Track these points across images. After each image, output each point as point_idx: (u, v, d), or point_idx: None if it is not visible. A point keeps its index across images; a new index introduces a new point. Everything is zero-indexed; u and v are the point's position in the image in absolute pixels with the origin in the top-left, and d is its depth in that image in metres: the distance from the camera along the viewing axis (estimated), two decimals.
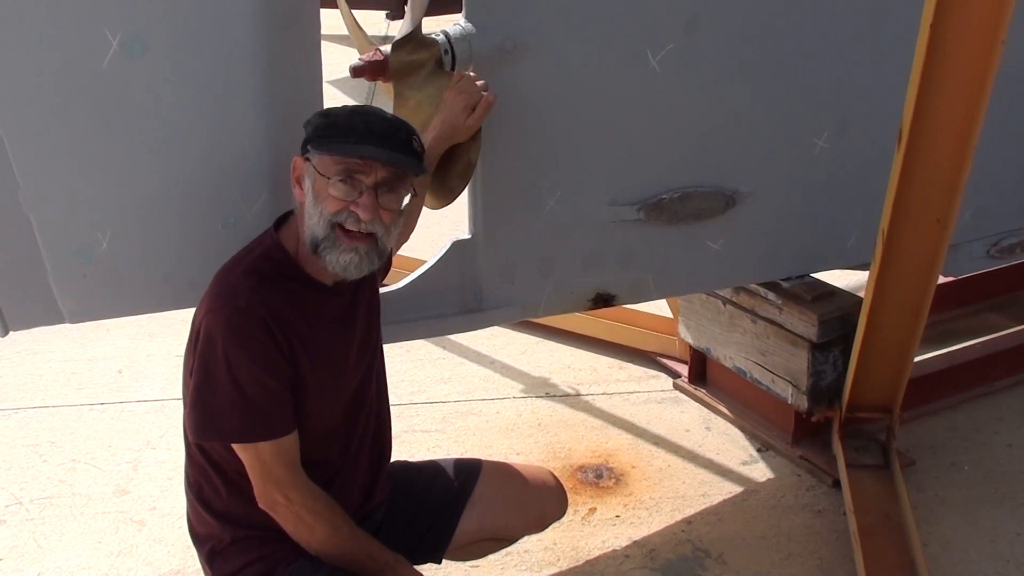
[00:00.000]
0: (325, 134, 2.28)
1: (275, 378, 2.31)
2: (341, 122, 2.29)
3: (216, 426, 2.33)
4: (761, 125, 3.18)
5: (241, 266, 2.36)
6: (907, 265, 3.10)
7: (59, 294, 2.59)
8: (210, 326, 2.28)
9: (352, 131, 2.27)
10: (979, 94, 2.72)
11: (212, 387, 2.29)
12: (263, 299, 2.30)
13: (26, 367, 4.53)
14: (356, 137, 2.26)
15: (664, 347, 4.42)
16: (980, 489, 3.54)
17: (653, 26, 2.90)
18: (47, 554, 3.33)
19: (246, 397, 2.28)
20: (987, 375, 4.12)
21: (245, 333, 2.27)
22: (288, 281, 2.36)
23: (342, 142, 2.26)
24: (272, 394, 2.31)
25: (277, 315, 2.30)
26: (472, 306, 3.09)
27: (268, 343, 2.29)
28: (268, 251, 2.38)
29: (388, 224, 2.32)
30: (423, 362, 4.47)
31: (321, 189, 2.28)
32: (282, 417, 2.34)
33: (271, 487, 2.36)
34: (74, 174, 2.47)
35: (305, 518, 2.39)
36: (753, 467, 3.72)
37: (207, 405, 2.31)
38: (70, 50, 2.35)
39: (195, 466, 2.50)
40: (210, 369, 2.29)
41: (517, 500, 2.83)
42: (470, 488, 2.78)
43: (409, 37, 2.72)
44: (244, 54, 2.51)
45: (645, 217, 3.12)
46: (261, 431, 2.31)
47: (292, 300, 2.35)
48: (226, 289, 2.33)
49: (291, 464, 2.36)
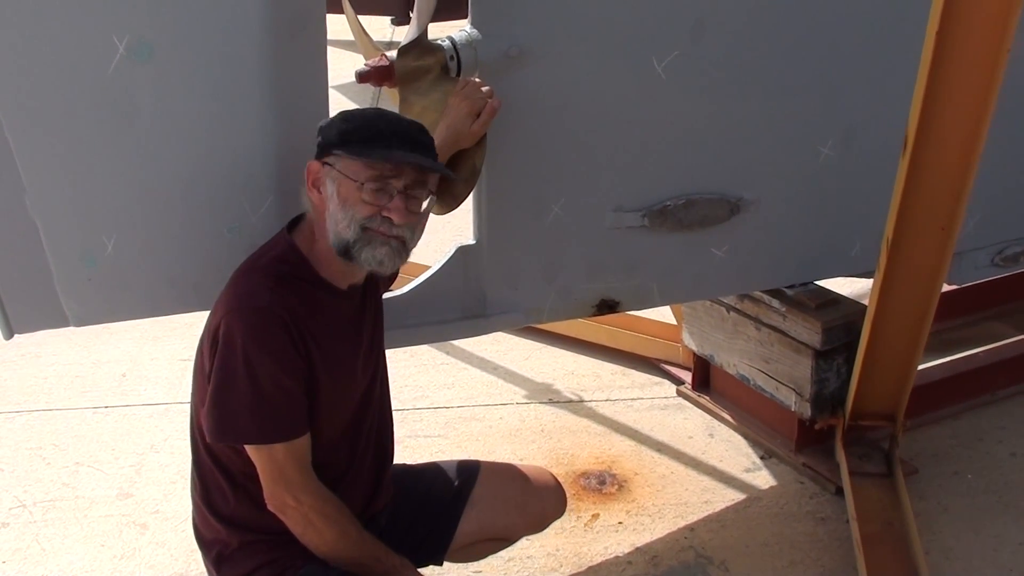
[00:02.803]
0: (353, 138, 2.28)
1: (293, 379, 2.31)
2: (368, 126, 2.29)
3: (233, 427, 2.32)
4: (766, 132, 3.18)
5: (259, 267, 2.37)
6: (911, 273, 3.09)
7: (64, 297, 2.59)
8: (230, 326, 2.28)
9: (380, 135, 2.27)
10: (984, 102, 2.72)
11: (231, 387, 2.29)
12: (283, 299, 2.30)
13: (30, 370, 4.54)
14: (384, 141, 2.27)
15: (668, 354, 4.42)
16: (983, 498, 3.54)
17: (659, 33, 2.90)
18: (50, 557, 3.34)
19: (264, 398, 2.28)
20: (991, 384, 4.12)
21: (265, 333, 2.27)
22: (303, 283, 2.37)
23: (372, 146, 2.26)
24: (290, 395, 2.31)
25: (295, 316, 2.30)
26: (476, 312, 3.09)
27: (287, 344, 2.29)
28: (284, 253, 2.38)
29: (415, 226, 2.34)
30: (427, 367, 4.48)
31: (350, 194, 2.28)
32: (298, 418, 2.34)
33: (282, 488, 2.36)
34: (80, 178, 2.48)
35: (314, 520, 2.39)
36: (756, 474, 3.71)
37: (225, 405, 2.31)
38: (77, 54, 2.35)
39: (203, 470, 2.50)
40: (229, 369, 2.28)
41: (516, 500, 2.83)
42: (469, 489, 2.79)
43: (415, 43, 2.73)
44: (250, 59, 2.51)
45: (649, 224, 3.12)
46: (277, 432, 2.31)
47: (308, 302, 2.35)
48: (245, 289, 2.33)
49: (303, 466, 2.37)
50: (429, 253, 3.33)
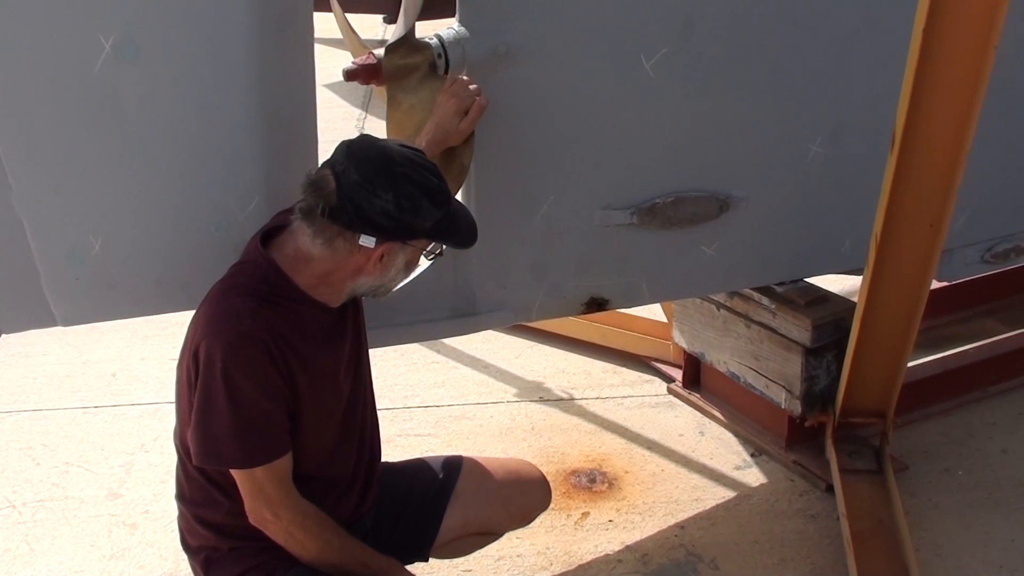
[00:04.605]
0: (444, 229, 2.35)
1: (274, 403, 2.30)
2: (454, 218, 2.37)
3: (216, 451, 2.32)
4: (755, 130, 3.17)
5: (238, 287, 2.34)
6: (900, 270, 3.09)
7: (52, 297, 2.58)
8: (211, 349, 2.26)
9: (465, 228, 2.42)
10: (972, 99, 2.72)
11: (212, 412, 2.28)
12: (265, 321, 2.29)
13: (20, 370, 4.53)
14: (465, 237, 2.43)
15: (658, 351, 4.42)
16: (974, 494, 3.54)
17: (647, 30, 2.90)
18: (39, 557, 3.33)
19: (246, 422, 2.27)
20: (981, 380, 4.12)
21: (247, 357, 2.26)
22: (287, 300, 2.34)
23: (459, 237, 2.42)
24: (270, 419, 2.31)
25: (277, 337, 2.29)
26: (465, 310, 3.09)
27: (269, 367, 2.28)
28: (265, 274, 2.34)
29: None
30: (417, 366, 4.47)
31: (414, 260, 2.43)
32: (279, 440, 2.34)
33: (262, 505, 2.36)
34: (67, 177, 2.47)
35: (295, 534, 2.39)
36: (746, 472, 3.71)
37: (207, 429, 2.30)
38: (63, 53, 2.34)
39: (190, 480, 2.49)
40: (211, 393, 2.27)
41: (500, 493, 2.83)
42: (452, 483, 2.78)
43: (402, 41, 2.72)
44: (237, 57, 2.50)
45: (639, 221, 3.12)
46: (258, 456, 2.31)
47: (290, 319, 2.33)
48: (225, 311, 2.31)
49: (282, 483, 2.36)
50: None
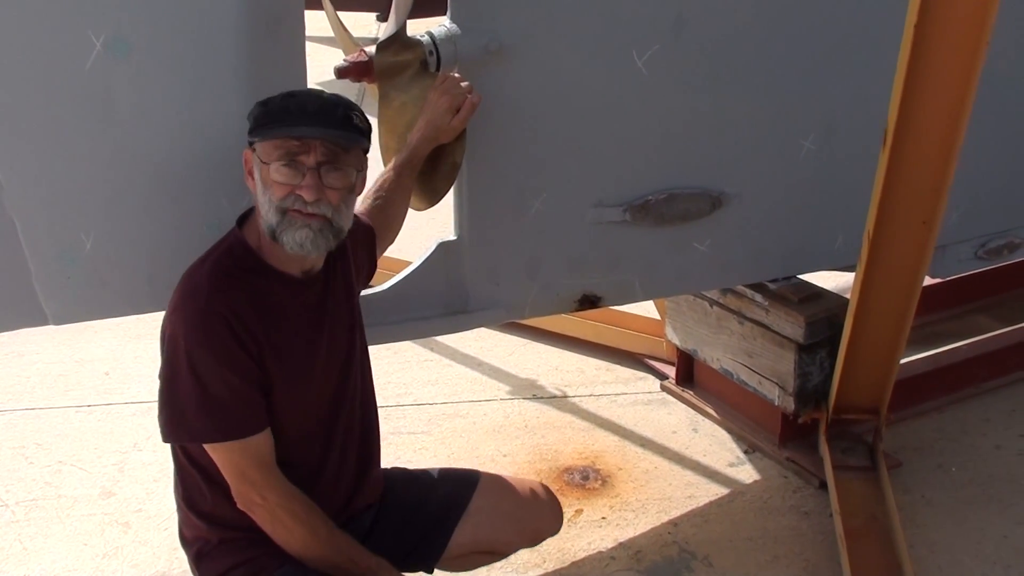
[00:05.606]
0: (263, 122, 2.28)
1: (240, 376, 2.30)
2: (275, 106, 2.28)
3: (184, 426, 2.32)
4: (747, 126, 3.18)
5: (204, 265, 2.35)
6: (893, 267, 3.10)
7: (43, 296, 2.58)
8: (174, 326, 2.29)
9: (286, 113, 2.26)
10: (964, 95, 2.72)
11: (177, 387, 2.29)
12: (225, 297, 2.29)
13: (13, 369, 4.51)
14: (291, 119, 2.25)
15: (651, 349, 4.42)
16: (967, 491, 3.54)
17: (639, 27, 2.90)
18: (32, 556, 3.32)
19: (211, 396, 2.27)
20: (974, 377, 4.13)
21: (207, 332, 2.27)
22: (252, 275, 2.34)
23: (277, 125, 2.25)
24: (237, 392, 2.30)
25: (240, 313, 2.29)
26: (458, 308, 3.08)
27: (231, 342, 2.28)
28: (231, 247, 2.37)
29: (336, 203, 2.29)
30: (410, 364, 4.47)
31: (266, 176, 2.27)
32: (250, 416, 2.33)
33: (247, 487, 2.35)
34: (58, 176, 2.47)
35: (282, 518, 2.38)
36: (740, 469, 3.72)
37: (172, 405, 2.31)
38: (54, 51, 2.34)
39: (180, 469, 2.49)
40: (175, 369, 2.29)
41: (513, 515, 2.80)
42: (466, 500, 2.75)
43: (394, 38, 2.72)
44: (229, 55, 2.51)
45: (631, 218, 3.12)
46: (228, 430, 2.30)
47: (256, 296, 2.33)
48: (188, 289, 2.32)
49: (264, 464, 2.35)
50: (410, 249, 3.33)
